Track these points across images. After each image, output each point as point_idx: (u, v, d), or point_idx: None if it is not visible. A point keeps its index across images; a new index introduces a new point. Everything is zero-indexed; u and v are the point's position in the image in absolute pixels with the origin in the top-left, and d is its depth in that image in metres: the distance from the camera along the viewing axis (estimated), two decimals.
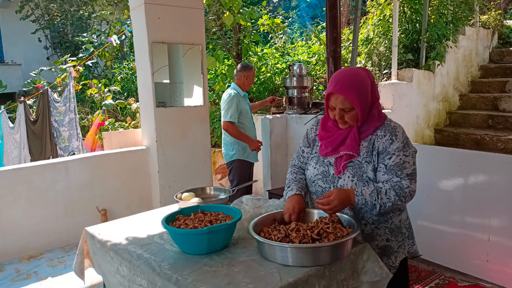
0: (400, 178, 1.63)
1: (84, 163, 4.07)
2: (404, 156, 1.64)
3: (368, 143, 1.70)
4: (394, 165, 1.64)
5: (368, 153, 1.69)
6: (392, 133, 1.68)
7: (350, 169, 1.69)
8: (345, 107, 1.65)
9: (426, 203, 3.18)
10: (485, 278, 2.91)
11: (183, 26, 4.10)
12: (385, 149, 1.66)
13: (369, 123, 1.71)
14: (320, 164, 1.79)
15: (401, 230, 1.78)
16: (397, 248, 1.76)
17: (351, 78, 1.66)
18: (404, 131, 1.72)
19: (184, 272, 1.50)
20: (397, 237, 1.76)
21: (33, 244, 3.79)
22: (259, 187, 5.24)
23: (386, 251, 1.75)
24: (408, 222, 1.84)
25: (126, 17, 9.34)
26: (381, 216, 1.72)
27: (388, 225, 1.74)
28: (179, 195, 2.28)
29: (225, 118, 3.85)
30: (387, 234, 1.74)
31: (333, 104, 1.68)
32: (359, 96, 1.63)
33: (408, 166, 1.64)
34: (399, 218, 1.77)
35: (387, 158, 1.65)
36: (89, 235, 2.07)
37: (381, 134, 1.69)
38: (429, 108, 5.84)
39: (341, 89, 1.64)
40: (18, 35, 12.96)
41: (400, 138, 1.67)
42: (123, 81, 8.45)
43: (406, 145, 1.67)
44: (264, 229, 1.66)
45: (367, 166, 1.67)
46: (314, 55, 7.14)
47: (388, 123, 1.72)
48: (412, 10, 6.21)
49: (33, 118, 6.01)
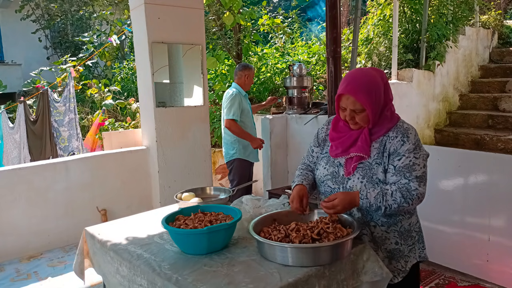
0: (408, 180, 1.61)
1: (84, 163, 4.07)
2: (414, 158, 1.62)
3: (380, 144, 1.68)
4: (403, 167, 1.62)
5: (379, 155, 1.67)
6: (404, 134, 1.66)
7: (360, 170, 1.68)
8: (356, 108, 1.63)
9: (426, 203, 3.15)
10: (485, 278, 2.91)
11: (183, 26, 4.10)
12: (396, 150, 1.64)
13: (381, 124, 1.69)
14: (330, 164, 1.77)
15: (411, 234, 1.75)
16: (407, 252, 1.74)
17: (362, 79, 1.64)
18: (416, 133, 1.69)
19: (184, 272, 1.50)
20: (407, 240, 1.73)
21: (33, 244, 3.79)
22: (259, 187, 5.24)
23: (395, 254, 1.72)
24: (418, 226, 1.81)
25: (126, 17, 9.33)
26: (389, 218, 1.70)
27: (398, 228, 1.71)
28: (179, 195, 2.28)
29: (228, 116, 3.83)
30: (396, 237, 1.72)
31: (344, 105, 1.66)
32: (370, 97, 1.61)
33: (417, 169, 1.62)
34: (408, 222, 1.74)
35: (396, 159, 1.64)
36: (89, 235, 2.07)
37: (393, 135, 1.67)
38: (429, 108, 5.84)
39: (352, 90, 1.62)
40: (18, 35, 12.96)
41: (412, 140, 1.64)
42: (123, 81, 8.45)
43: (418, 147, 1.65)
44: (264, 229, 1.66)
45: (377, 168, 1.66)
46: (314, 55, 7.14)
47: (400, 124, 1.70)
48: (412, 10, 6.20)
49: (33, 118, 6.01)
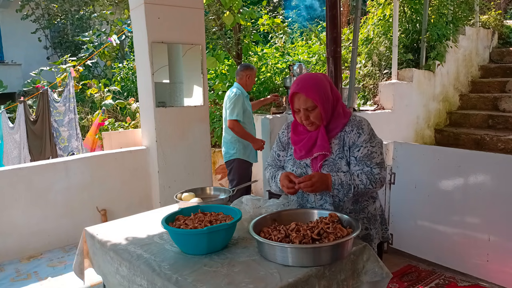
0: (370, 168, 1.76)
1: (84, 163, 4.07)
2: (371, 147, 1.77)
3: (339, 140, 1.82)
4: (363, 156, 1.77)
5: (340, 149, 1.81)
6: (358, 126, 1.80)
7: (326, 167, 1.80)
8: (308, 106, 1.76)
9: (426, 203, 3.18)
10: (485, 278, 2.91)
11: (183, 26, 4.10)
12: (354, 142, 1.79)
13: (336, 121, 1.82)
14: (297, 166, 1.89)
15: (376, 218, 1.90)
16: (375, 235, 1.89)
17: (310, 79, 1.79)
18: (369, 124, 1.84)
19: (184, 272, 1.51)
20: (374, 224, 1.89)
21: (33, 244, 3.79)
22: (259, 187, 5.23)
23: (366, 239, 1.84)
24: (381, 209, 1.98)
25: (126, 17, 9.33)
26: (356, 204, 1.85)
27: (365, 214, 1.87)
28: (179, 195, 2.28)
29: (231, 117, 3.80)
30: (365, 223, 1.87)
31: (297, 105, 1.79)
32: (319, 94, 1.75)
33: (376, 156, 1.78)
34: (373, 207, 1.90)
35: (356, 151, 1.78)
36: (89, 235, 2.07)
37: (349, 129, 1.81)
38: (429, 108, 5.84)
39: (302, 89, 1.76)
40: (18, 35, 12.96)
41: (366, 130, 1.79)
42: (123, 81, 8.45)
43: (372, 136, 1.80)
44: (264, 229, 1.66)
45: (341, 162, 1.80)
46: (314, 55, 7.14)
47: (353, 118, 1.84)
48: (412, 10, 6.21)
49: (33, 118, 6.01)
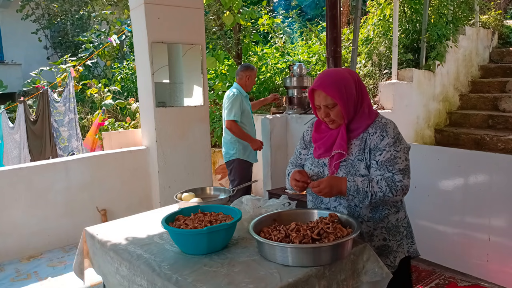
0: (392, 173, 1.64)
1: (84, 163, 4.07)
2: (395, 152, 1.65)
3: (360, 141, 1.72)
4: (385, 161, 1.65)
5: (360, 151, 1.70)
6: (382, 129, 1.69)
7: (344, 168, 1.71)
8: (327, 103, 1.69)
9: (426, 203, 3.18)
10: (485, 278, 2.91)
11: (183, 26, 4.10)
12: (376, 145, 1.68)
13: (359, 121, 1.73)
14: (315, 165, 1.82)
15: (398, 229, 1.77)
16: (396, 247, 1.76)
17: (332, 75, 1.71)
18: (395, 127, 1.72)
19: (184, 272, 1.50)
20: (395, 236, 1.76)
21: (33, 244, 3.79)
22: (259, 187, 5.23)
23: (383, 250, 1.75)
24: (407, 221, 1.83)
25: (126, 17, 9.33)
26: (375, 213, 1.73)
27: (385, 224, 1.74)
28: (179, 195, 2.28)
29: (229, 117, 3.82)
30: (384, 233, 1.75)
31: (317, 102, 1.73)
32: (340, 91, 1.66)
33: (399, 162, 1.65)
34: (396, 217, 1.76)
35: (378, 154, 1.67)
36: (89, 235, 2.07)
37: (372, 131, 1.71)
38: (429, 108, 5.84)
39: (321, 85, 1.69)
40: (18, 35, 12.95)
41: (391, 133, 1.68)
42: (123, 81, 8.44)
43: (397, 140, 1.68)
44: (264, 229, 1.66)
45: (360, 164, 1.69)
46: (314, 55, 7.14)
47: (379, 120, 1.74)
48: (412, 10, 6.21)
49: (33, 118, 6.01)
